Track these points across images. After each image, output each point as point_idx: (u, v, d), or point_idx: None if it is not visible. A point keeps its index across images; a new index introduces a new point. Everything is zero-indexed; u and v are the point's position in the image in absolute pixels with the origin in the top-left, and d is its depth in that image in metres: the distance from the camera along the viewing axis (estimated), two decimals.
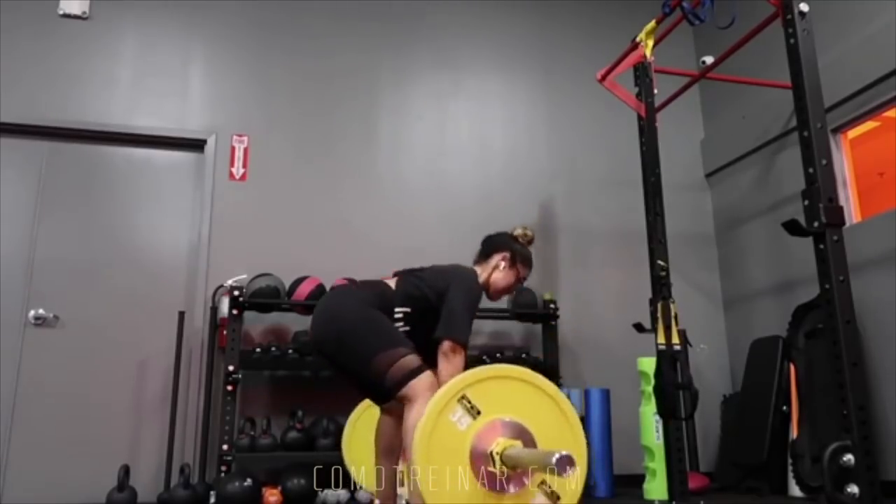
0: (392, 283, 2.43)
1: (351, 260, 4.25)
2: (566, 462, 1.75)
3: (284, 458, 3.71)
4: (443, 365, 2.24)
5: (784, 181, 4.34)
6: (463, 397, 1.95)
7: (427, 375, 2.18)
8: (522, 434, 1.99)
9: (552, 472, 1.78)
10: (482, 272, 2.57)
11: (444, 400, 1.94)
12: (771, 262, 4.46)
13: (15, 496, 3.71)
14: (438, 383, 2.15)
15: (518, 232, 2.67)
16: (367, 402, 3.07)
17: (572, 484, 2.02)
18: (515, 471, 1.95)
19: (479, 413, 1.96)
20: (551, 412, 2.06)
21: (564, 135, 4.97)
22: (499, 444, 1.94)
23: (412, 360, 2.17)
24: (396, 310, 2.34)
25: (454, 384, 1.97)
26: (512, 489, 1.96)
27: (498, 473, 1.94)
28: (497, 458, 1.93)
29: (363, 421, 3.08)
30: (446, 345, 2.25)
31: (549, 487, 2.00)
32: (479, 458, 1.95)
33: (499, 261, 2.59)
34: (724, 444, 4.45)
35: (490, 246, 2.63)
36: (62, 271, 4.05)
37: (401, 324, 2.34)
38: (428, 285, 2.38)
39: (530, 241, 2.68)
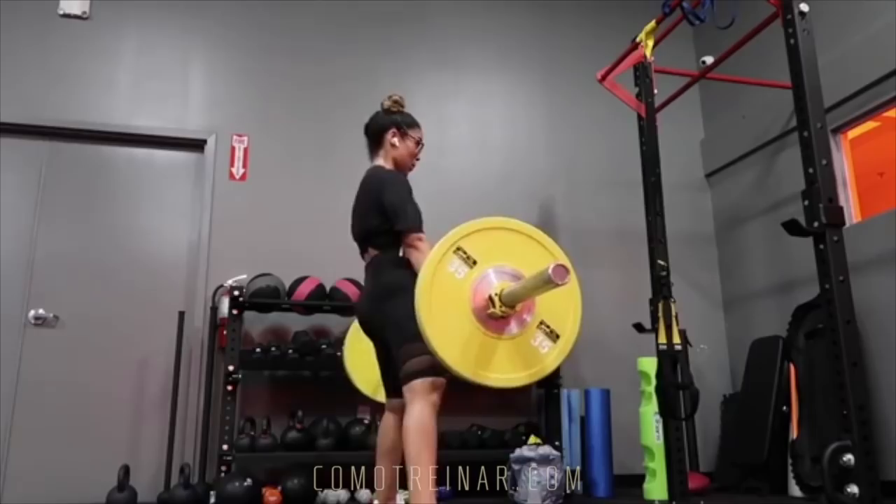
0: (371, 255, 2.47)
1: (351, 260, 4.20)
2: (561, 270, 1.84)
3: (284, 458, 3.71)
4: (414, 255, 2.30)
5: (784, 181, 4.34)
6: (458, 249, 2.05)
7: (436, 380, 2.20)
8: (518, 278, 2.08)
9: (550, 285, 1.86)
10: (384, 160, 2.62)
11: (440, 252, 2.03)
12: (771, 262, 4.46)
13: (15, 496, 3.71)
14: (417, 272, 2.17)
15: (386, 103, 2.71)
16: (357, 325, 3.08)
17: (569, 323, 2.12)
18: (515, 309, 2.05)
19: (475, 262, 2.06)
20: (543, 257, 2.14)
21: (564, 135, 4.97)
22: (496, 286, 2.05)
23: (434, 361, 2.17)
24: (402, 254, 2.38)
25: (448, 237, 2.05)
26: (514, 328, 2.06)
27: (499, 313, 2.03)
28: (496, 298, 2.02)
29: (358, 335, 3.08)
30: (410, 237, 2.32)
31: (548, 327, 2.11)
32: (479, 304, 2.04)
33: (390, 139, 2.63)
34: (724, 444, 4.45)
35: (373, 132, 2.67)
36: (62, 271, 4.05)
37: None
38: (371, 222, 2.43)
39: (402, 105, 2.73)
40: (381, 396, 2.68)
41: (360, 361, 3.16)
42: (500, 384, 2.05)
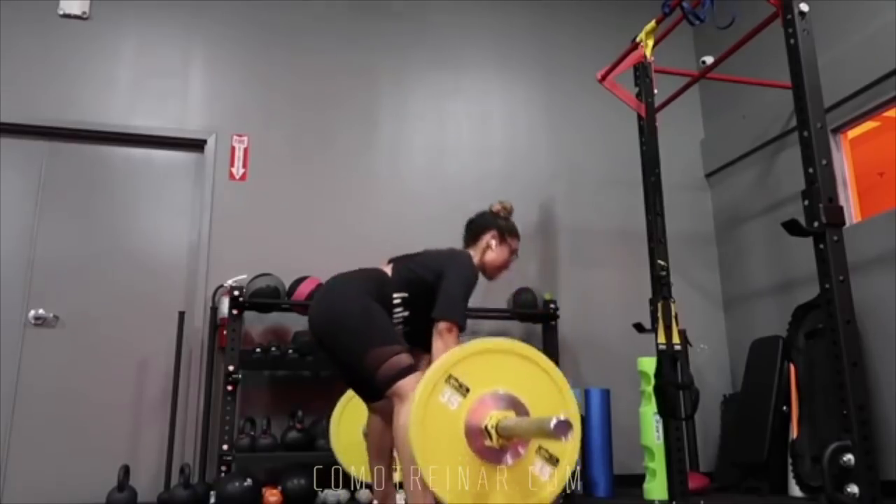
0: (388, 269, 2.44)
1: (351, 260, 4.19)
2: (564, 427, 1.74)
3: (284, 458, 3.71)
4: (437, 343, 2.25)
5: (784, 181, 4.34)
6: (450, 377, 1.95)
7: (418, 375, 2.18)
8: (514, 404, 2.00)
9: (551, 437, 1.78)
10: (475, 255, 2.58)
11: (431, 382, 1.94)
12: (771, 262, 4.46)
13: (15, 496, 3.71)
14: (431, 360, 2.15)
15: (497, 207, 2.69)
16: (347, 397, 3.06)
17: (569, 446, 2.03)
18: (511, 441, 1.97)
19: (468, 390, 1.96)
20: (539, 379, 2.07)
21: (564, 135, 4.97)
22: (492, 417, 1.94)
23: (404, 358, 2.17)
24: (395, 295, 2.35)
25: (439, 366, 1.97)
26: (510, 460, 1.98)
27: (496, 446, 1.94)
28: (492, 431, 1.93)
29: (347, 414, 3.06)
30: (442, 325, 2.26)
31: (548, 452, 2.03)
32: (474, 435, 1.95)
33: (489, 240, 2.60)
34: (724, 444, 4.45)
35: (476, 227, 2.64)
36: (62, 271, 4.05)
37: (400, 309, 2.36)
38: (424, 268, 2.39)
39: (510, 212, 2.70)
40: (364, 474, 2.63)
41: (348, 444, 3.06)
42: None
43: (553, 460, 2.02)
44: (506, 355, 2.05)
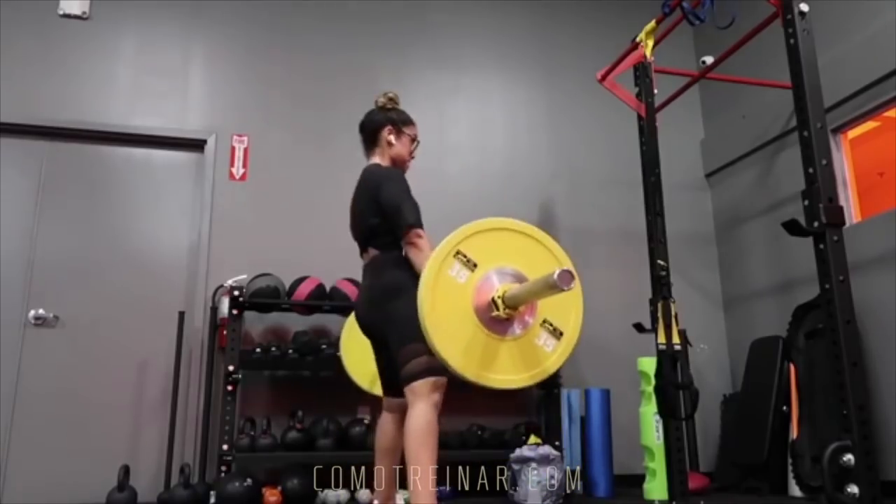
0: (371, 255, 2.46)
1: (351, 260, 4.21)
2: (567, 276, 1.85)
3: (284, 458, 3.71)
4: (414, 253, 2.30)
5: (784, 181, 4.34)
6: (458, 252, 2.04)
7: (438, 380, 2.20)
8: (519, 279, 2.09)
9: (555, 290, 1.87)
10: (381, 157, 2.58)
11: (440, 257, 2.02)
12: (771, 262, 4.46)
13: (15, 496, 3.71)
14: (418, 271, 2.18)
15: (382, 100, 2.69)
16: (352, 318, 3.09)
17: (571, 320, 2.13)
18: (518, 311, 2.05)
19: (475, 265, 2.06)
20: (543, 257, 2.15)
21: (564, 135, 4.97)
22: (499, 289, 2.05)
23: (434, 361, 2.17)
24: (402, 252, 2.39)
25: (448, 242, 2.04)
26: (517, 329, 2.07)
27: (503, 316, 2.03)
28: (499, 301, 2.02)
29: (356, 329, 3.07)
30: (409, 234, 2.30)
31: (552, 325, 2.12)
32: (482, 307, 2.04)
33: (387, 136, 2.60)
34: (724, 444, 4.45)
35: (370, 129, 2.63)
36: (62, 271, 4.05)
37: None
38: (370, 220, 2.41)
39: (397, 101, 2.71)
40: (377, 389, 2.68)
41: (357, 355, 3.14)
42: (503, 385, 2.05)
43: (557, 333, 2.13)
44: (512, 233, 2.15)
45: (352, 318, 3.11)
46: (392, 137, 2.59)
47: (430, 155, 4.72)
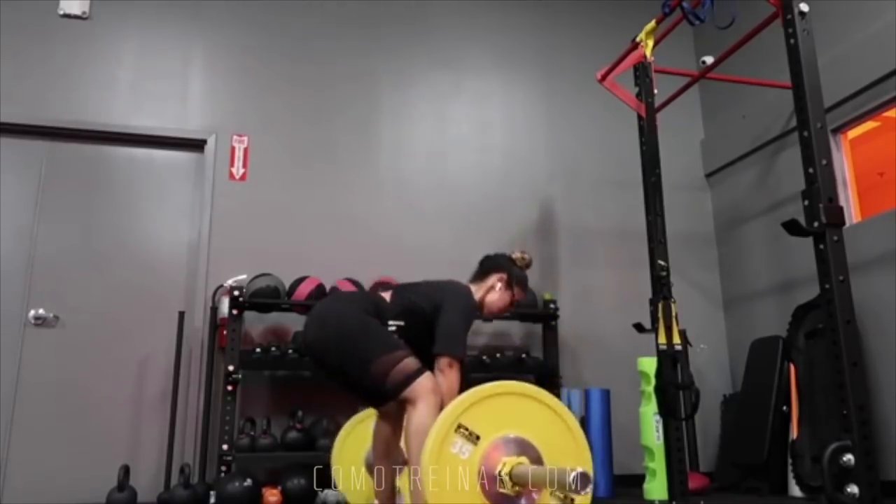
0: (387, 296, 2.44)
1: (351, 260, 4.25)
2: (584, 481, 1.75)
3: (284, 458, 3.71)
4: (440, 380, 2.25)
5: (784, 181, 4.34)
6: (459, 427, 1.95)
7: (427, 377, 2.19)
8: (526, 448, 1.99)
9: (569, 492, 1.79)
10: (477, 290, 2.57)
11: (441, 435, 1.93)
12: (771, 262, 4.46)
13: (15, 496, 3.71)
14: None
15: (517, 255, 2.66)
16: (357, 418, 3.07)
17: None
18: (526, 487, 1.95)
19: (478, 438, 1.96)
20: (550, 420, 2.06)
21: (564, 135, 4.97)
22: (505, 464, 1.95)
23: (412, 362, 2.19)
24: (390, 323, 2.35)
25: (447, 415, 1.95)
26: (527, 502, 1.97)
27: (510, 493, 1.94)
28: (506, 478, 1.93)
29: (354, 435, 3.07)
30: (443, 361, 2.27)
31: (561, 493, 2.01)
32: (489, 483, 1.94)
33: (495, 281, 2.59)
34: (724, 444, 4.45)
35: (488, 266, 2.63)
36: (62, 271, 4.05)
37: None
38: (422, 297, 2.39)
39: (528, 265, 2.68)
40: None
41: (351, 470, 3.09)
42: None
43: (568, 500, 2.02)
44: (514, 397, 2.05)
45: (343, 435, 3.06)
46: (500, 286, 2.59)
47: (431, 155, 4.73)
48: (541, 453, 2.00)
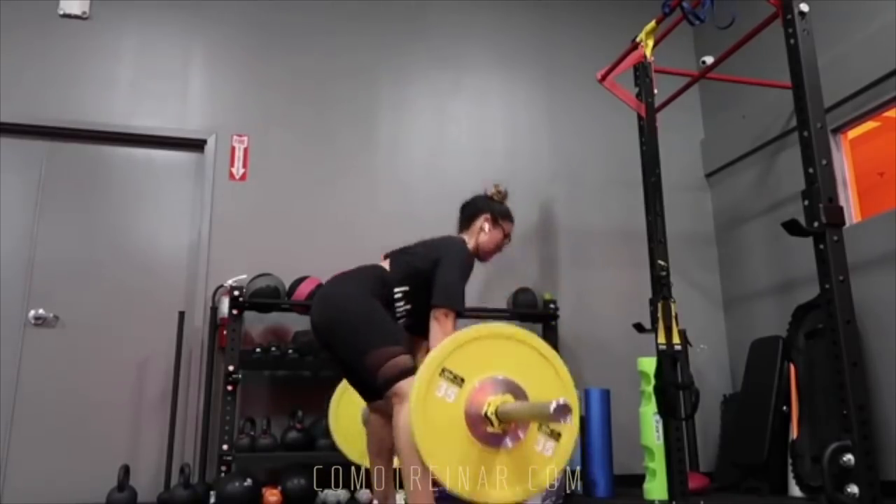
0: (386, 264, 2.47)
1: (351, 260, 4.18)
2: (564, 410, 1.78)
3: (284, 458, 3.71)
4: (434, 329, 2.28)
5: (784, 181, 4.34)
6: (444, 370, 1.98)
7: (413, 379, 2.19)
8: (511, 387, 2.03)
9: (551, 421, 1.83)
10: (469, 238, 2.62)
11: (426, 379, 1.96)
12: (771, 262, 4.46)
13: (15, 496, 3.71)
14: (429, 347, 2.18)
15: (492, 191, 2.71)
16: (343, 385, 3.06)
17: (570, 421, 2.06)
18: (512, 424, 2.00)
19: (462, 381, 1.99)
20: (533, 360, 2.09)
21: (564, 135, 4.97)
22: (490, 403, 1.98)
23: (404, 360, 2.18)
24: (396, 290, 2.38)
25: (431, 360, 1.98)
26: (510, 443, 2.02)
27: (498, 431, 1.98)
28: (493, 417, 1.97)
29: (345, 401, 3.06)
30: (439, 311, 2.29)
31: (549, 428, 2.07)
32: (475, 423, 1.98)
33: (482, 223, 2.63)
34: (724, 444, 4.45)
35: (470, 211, 2.67)
36: (62, 271, 4.05)
37: (402, 303, 2.39)
38: (420, 258, 2.42)
39: (505, 196, 2.72)
40: (367, 461, 2.64)
41: (346, 428, 3.06)
42: (500, 501, 1.98)
43: (555, 435, 2.07)
44: (498, 340, 2.08)
45: (341, 387, 3.07)
46: (487, 226, 2.63)
47: (430, 155, 4.73)
48: (527, 393, 2.03)
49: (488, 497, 1.97)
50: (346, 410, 3.01)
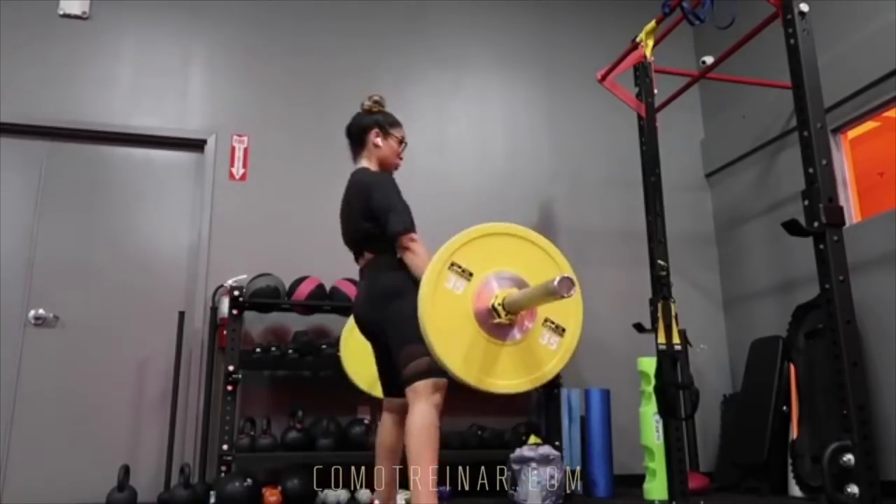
0: (367, 259, 2.47)
1: (351, 260, 4.23)
2: (567, 283, 1.85)
3: (284, 458, 3.71)
4: (409, 258, 2.30)
5: (784, 181, 4.34)
6: (452, 264, 2.04)
7: (438, 381, 2.21)
8: (517, 282, 2.10)
9: (555, 296, 1.88)
10: (368, 161, 2.58)
11: (435, 272, 2.02)
12: (771, 262, 4.46)
13: (15, 496, 3.71)
14: (416, 275, 2.20)
15: (367, 104, 2.68)
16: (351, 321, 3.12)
17: (573, 316, 2.15)
18: (519, 315, 2.07)
19: (471, 274, 2.06)
20: (539, 258, 2.16)
21: (564, 135, 4.97)
22: (497, 296, 2.05)
23: (433, 362, 2.17)
24: (398, 258, 2.37)
25: (440, 254, 2.04)
26: (518, 334, 2.09)
27: (505, 322, 2.04)
28: (500, 307, 2.03)
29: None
30: (403, 239, 2.30)
31: (554, 322, 2.13)
32: (483, 316, 2.05)
33: (373, 139, 2.59)
34: (724, 444, 4.45)
35: (357, 132, 2.63)
36: (62, 271, 4.05)
37: None
38: (362, 225, 2.41)
39: (382, 104, 2.69)
40: (377, 391, 2.68)
41: (356, 357, 3.17)
42: (505, 390, 2.06)
43: (559, 330, 2.14)
44: (504, 237, 2.15)
45: (352, 320, 3.11)
46: (379, 140, 2.59)
47: (430, 155, 4.73)
48: (531, 286, 2.09)
49: (495, 385, 2.04)
50: (356, 337, 3.01)
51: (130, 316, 4.07)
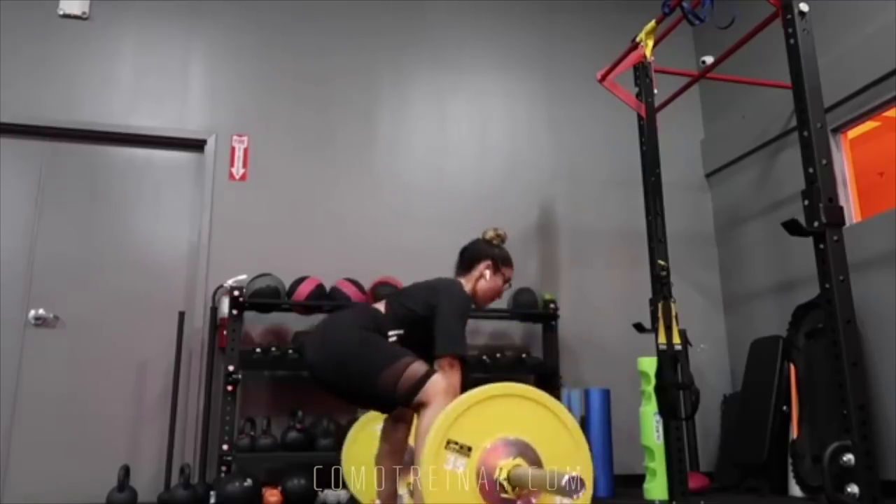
0: (381, 306, 2.44)
1: (351, 260, 4.25)
2: (576, 484, 1.74)
3: (284, 458, 3.71)
4: (440, 378, 2.24)
5: (784, 181, 4.34)
6: (448, 442, 1.92)
7: (438, 378, 2.20)
8: (522, 448, 1.96)
9: (563, 495, 1.77)
10: (467, 283, 2.57)
11: (431, 454, 1.90)
12: (771, 262, 4.46)
13: (15, 496, 3.71)
14: (435, 389, 2.16)
15: (490, 235, 2.66)
16: (366, 416, 3.08)
17: (586, 474, 2.00)
18: (525, 489, 1.94)
19: (470, 449, 1.93)
20: (545, 419, 2.03)
21: (564, 135, 4.97)
22: (502, 469, 1.92)
23: (419, 367, 2.19)
24: (390, 333, 2.35)
25: (435, 434, 1.92)
26: (534, 499, 1.97)
27: (512, 497, 1.93)
28: (505, 483, 1.92)
29: (365, 434, 3.07)
30: (444, 361, 2.26)
31: (559, 496, 1.99)
32: (489, 490, 1.93)
33: (483, 270, 2.58)
34: (724, 444, 4.45)
35: (470, 256, 2.62)
36: (62, 271, 4.05)
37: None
38: (416, 302, 2.39)
39: (504, 240, 2.68)
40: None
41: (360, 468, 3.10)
42: None
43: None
44: (506, 399, 2.01)
45: (354, 433, 3.08)
46: (488, 273, 2.58)
47: (431, 154, 4.73)
48: (538, 453, 1.97)
49: None
50: (362, 448, 2.97)
51: (130, 316, 4.07)
